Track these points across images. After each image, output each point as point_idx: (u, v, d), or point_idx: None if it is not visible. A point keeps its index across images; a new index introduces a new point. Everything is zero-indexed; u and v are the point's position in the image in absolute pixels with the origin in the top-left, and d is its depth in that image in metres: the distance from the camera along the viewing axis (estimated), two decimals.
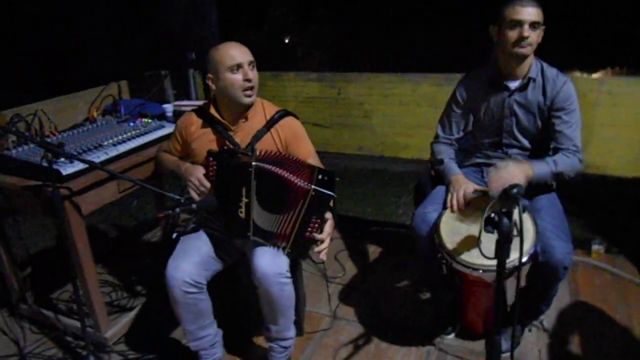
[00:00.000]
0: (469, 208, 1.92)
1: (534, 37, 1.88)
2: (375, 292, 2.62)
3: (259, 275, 1.81)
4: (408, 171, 4.83)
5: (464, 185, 1.96)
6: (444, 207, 2.00)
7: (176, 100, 3.16)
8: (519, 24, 1.85)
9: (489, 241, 1.42)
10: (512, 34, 1.87)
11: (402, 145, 3.11)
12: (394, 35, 8.00)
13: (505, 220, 1.29)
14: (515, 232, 1.31)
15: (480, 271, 1.73)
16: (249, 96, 1.86)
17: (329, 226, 1.83)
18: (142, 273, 2.84)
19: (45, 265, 2.97)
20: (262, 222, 1.83)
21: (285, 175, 1.75)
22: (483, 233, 1.41)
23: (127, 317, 2.39)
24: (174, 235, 2.06)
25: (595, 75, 5.08)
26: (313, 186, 1.74)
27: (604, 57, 6.29)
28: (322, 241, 1.81)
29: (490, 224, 1.34)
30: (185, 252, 1.88)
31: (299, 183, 1.74)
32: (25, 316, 2.52)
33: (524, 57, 1.92)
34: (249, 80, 1.83)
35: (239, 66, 1.83)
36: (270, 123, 1.94)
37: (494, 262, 1.39)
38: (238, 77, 1.83)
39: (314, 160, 1.95)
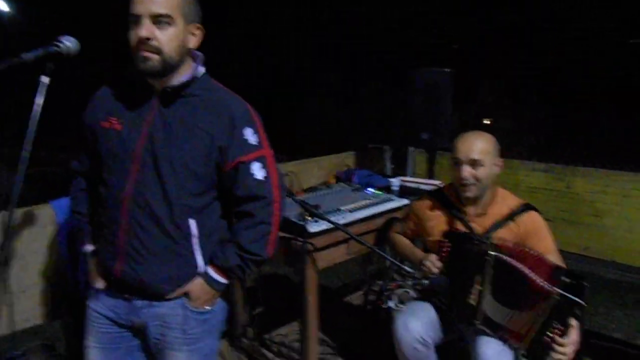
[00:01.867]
0: None
1: None
2: None
3: None
4: (625, 280, 4.24)
5: None
6: None
7: (393, 175, 3.35)
8: None
9: None
10: None
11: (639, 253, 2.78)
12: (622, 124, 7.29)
13: None
14: None
15: None
16: (464, 191, 1.91)
17: (574, 334, 1.68)
18: (344, 332, 2.97)
19: (269, 307, 3.30)
20: (493, 313, 1.80)
21: (526, 272, 1.70)
22: None
23: None
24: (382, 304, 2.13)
25: None
26: (559, 290, 1.66)
27: None
28: (562, 347, 1.68)
29: None
30: (414, 312, 1.95)
31: (541, 283, 1.68)
32: (245, 349, 2.81)
33: None
34: (463, 178, 1.88)
35: (457, 161, 1.90)
36: (512, 215, 1.93)
37: None
38: (457, 171, 1.90)
39: (554, 258, 1.86)
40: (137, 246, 1.44)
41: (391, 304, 2.82)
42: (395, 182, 2.94)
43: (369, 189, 2.77)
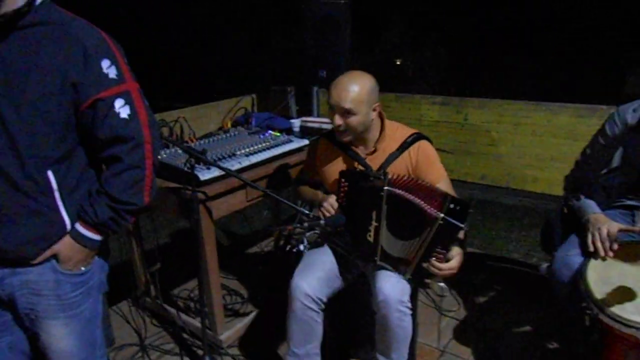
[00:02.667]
0: (622, 255, 1.73)
1: None
2: (493, 333, 2.45)
3: (380, 299, 1.76)
4: (522, 205, 4.55)
5: (607, 224, 1.76)
6: (584, 253, 1.81)
7: (298, 116, 3.24)
8: None
9: None
10: None
11: (531, 179, 2.91)
12: (517, 61, 7.67)
13: None
14: None
15: (635, 329, 1.53)
16: (339, 136, 1.87)
17: (455, 261, 1.72)
18: (254, 281, 2.92)
19: (167, 259, 3.16)
20: (390, 248, 1.79)
21: (417, 202, 1.69)
22: None
23: (242, 323, 2.46)
24: (289, 248, 2.08)
25: None
26: (442, 214, 1.66)
27: None
28: (440, 271, 1.70)
29: None
30: (311, 266, 1.89)
31: (428, 210, 1.67)
32: (148, 309, 2.68)
33: None
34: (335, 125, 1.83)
35: (330, 107, 1.83)
36: (404, 147, 1.90)
37: None
38: (331, 117, 1.84)
39: (444, 185, 1.86)
40: None
41: (301, 247, 2.78)
42: (296, 122, 2.83)
43: (269, 132, 2.64)
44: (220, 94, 3.19)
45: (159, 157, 2.19)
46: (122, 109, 1.28)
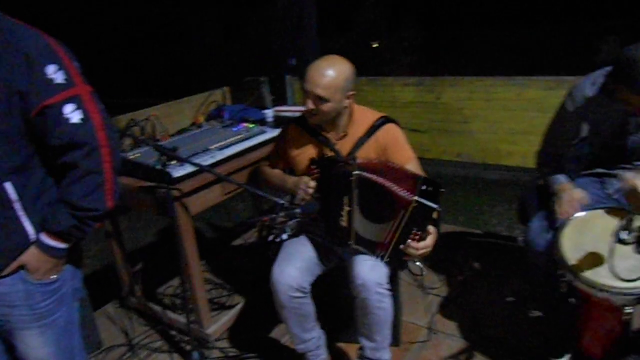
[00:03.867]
0: (594, 221, 1.77)
1: None
2: (475, 306, 2.50)
3: (358, 283, 1.78)
4: (504, 179, 4.60)
5: (571, 191, 1.85)
6: (553, 223, 1.86)
7: (274, 106, 3.23)
8: None
9: (621, 261, 1.28)
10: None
11: (505, 153, 2.96)
12: (488, 38, 7.71)
13: None
14: None
15: (609, 293, 1.57)
16: (309, 118, 1.87)
17: (430, 239, 1.73)
18: (239, 273, 2.93)
19: (151, 258, 3.16)
20: (364, 231, 1.81)
21: (387, 185, 1.70)
22: (615, 253, 1.27)
23: (228, 315, 2.48)
24: (271, 239, 2.09)
25: None
26: (415, 197, 1.66)
27: None
28: (416, 251, 1.71)
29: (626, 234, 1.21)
30: (290, 257, 1.90)
31: (401, 193, 1.68)
32: (134, 309, 2.68)
33: None
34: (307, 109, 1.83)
35: (305, 90, 1.82)
36: (372, 131, 1.91)
37: (629, 285, 1.25)
38: (305, 100, 1.83)
39: (413, 167, 1.88)
40: None
41: (284, 236, 2.79)
42: (270, 113, 2.83)
43: (243, 124, 2.64)
44: (194, 89, 3.16)
45: (132, 157, 2.20)
46: (72, 114, 1.25)
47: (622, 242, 1.23)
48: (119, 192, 1.37)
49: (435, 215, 1.66)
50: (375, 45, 9.32)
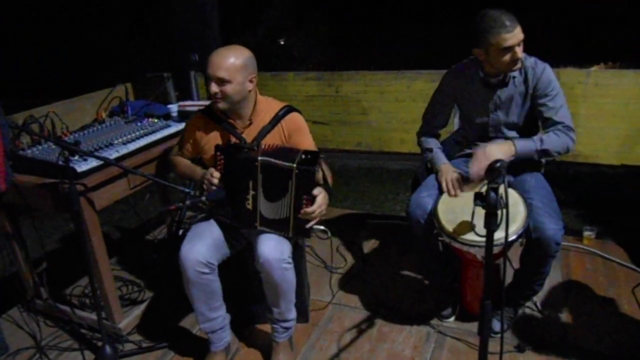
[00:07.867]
0: (465, 189, 2.07)
1: (521, 50, 1.94)
2: (376, 281, 2.73)
3: (262, 261, 1.91)
4: (405, 168, 4.95)
5: (451, 172, 2.14)
6: (440, 192, 2.14)
7: (178, 101, 3.26)
8: (510, 49, 1.90)
9: (482, 219, 1.51)
10: (505, 58, 1.92)
11: (399, 141, 3.23)
12: (390, 34, 8.15)
13: (492, 194, 1.39)
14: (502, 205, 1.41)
15: (476, 248, 1.85)
16: (215, 104, 1.96)
17: (320, 198, 1.89)
18: (149, 268, 2.95)
19: (58, 261, 3.07)
20: (268, 212, 1.94)
21: (279, 163, 1.85)
22: (476, 212, 1.52)
23: (139, 309, 2.50)
24: (181, 233, 2.16)
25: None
26: (295, 164, 1.83)
27: (596, 51, 6.42)
28: (312, 214, 1.88)
29: (479, 200, 1.45)
30: (199, 236, 1.99)
31: (285, 164, 1.84)
32: (41, 311, 2.61)
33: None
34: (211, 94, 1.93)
35: (207, 76, 1.92)
36: (276, 119, 2.05)
37: (482, 238, 1.50)
38: (208, 86, 1.93)
39: None
40: None
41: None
42: (174, 107, 2.87)
43: (147, 119, 2.66)
44: (97, 86, 3.10)
45: (31, 154, 2.16)
46: None
47: (480, 205, 1.46)
48: (11, 176, 1.37)
49: (320, 179, 1.85)
50: (282, 42, 9.46)
